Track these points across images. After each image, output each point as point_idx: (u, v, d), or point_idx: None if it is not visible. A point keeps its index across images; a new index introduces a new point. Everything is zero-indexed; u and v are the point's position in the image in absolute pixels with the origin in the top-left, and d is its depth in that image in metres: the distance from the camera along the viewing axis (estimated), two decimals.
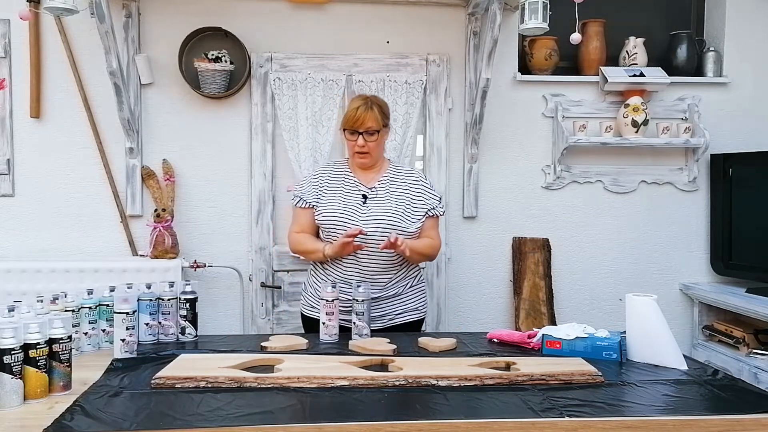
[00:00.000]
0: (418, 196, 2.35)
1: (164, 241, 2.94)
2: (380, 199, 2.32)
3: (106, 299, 2.08)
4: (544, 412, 1.51)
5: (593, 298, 3.34)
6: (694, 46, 3.35)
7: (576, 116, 3.26)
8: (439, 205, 2.40)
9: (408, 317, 2.38)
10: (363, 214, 2.28)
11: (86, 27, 2.94)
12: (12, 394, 1.54)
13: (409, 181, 2.38)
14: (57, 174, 3.08)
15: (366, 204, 2.31)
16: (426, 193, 2.37)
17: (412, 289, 2.41)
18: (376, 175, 2.38)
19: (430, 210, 2.36)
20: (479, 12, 3.14)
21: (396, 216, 2.28)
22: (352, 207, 2.30)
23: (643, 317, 1.95)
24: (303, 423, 1.43)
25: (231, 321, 3.17)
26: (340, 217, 2.29)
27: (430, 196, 2.38)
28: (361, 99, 2.34)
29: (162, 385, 1.66)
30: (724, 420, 1.49)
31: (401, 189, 2.35)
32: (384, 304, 2.33)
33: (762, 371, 2.78)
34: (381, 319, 2.32)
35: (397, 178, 2.38)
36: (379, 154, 2.38)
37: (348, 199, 2.32)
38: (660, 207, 3.35)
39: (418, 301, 2.43)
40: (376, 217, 2.27)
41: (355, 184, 2.36)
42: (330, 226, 2.30)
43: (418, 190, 2.37)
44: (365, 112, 2.27)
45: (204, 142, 3.14)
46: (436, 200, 2.39)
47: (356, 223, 2.26)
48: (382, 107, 2.33)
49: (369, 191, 2.34)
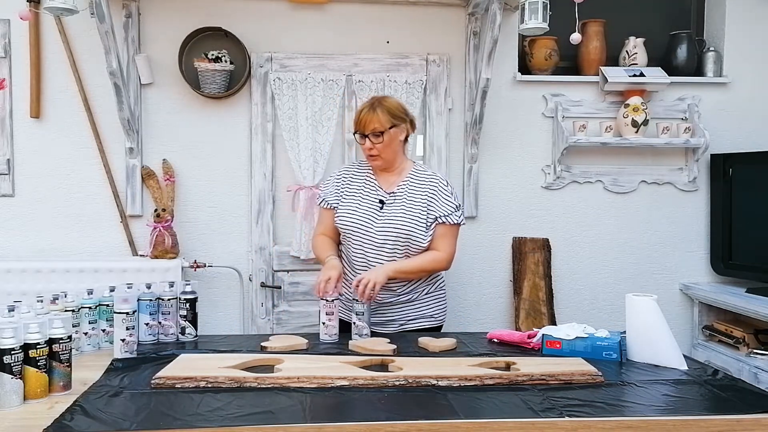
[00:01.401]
0: (433, 203, 2.27)
1: (164, 241, 2.94)
2: (397, 206, 2.27)
3: (106, 299, 2.08)
4: (544, 412, 1.51)
5: (593, 298, 3.34)
6: (694, 46, 3.35)
7: (576, 116, 3.26)
8: (454, 212, 2.27)
9: (421, 323, 2.34)
10: (378, 221, 2.26)
11: (86, 27, 2.94)
12: (12, 394, 1.54)
13: (429, 188, 2.29)
14: (57, 174, 3.08)
15: (382, 211, 2.28)
16: (441, 199, 2.28)
17: (428, 295, 2.36)
18: (396, 178, 2.33)
19: (441, 217, 2.26)
20: (479, 12, 3.14)
21: (410, 226, 2.23)
22: (369, 213, 2.28)
23: (643, 317, 1.95)
24: (303, 423, 1.43)
25: (231, 321, 3.17)
26: (357, 223, 2.27)
27: (445, 203, 2.27)
28: (368, 102, 2.30)
29: (162, 385, 1.66)
30: (724, 420, 1.49)
31: (420, 196, 2.28)
32: (395, 309, 2.32)
33: (762, 371, 2.78)
34: (391, 324, 2.31)
35: (417, 183, 2.31)
36: (392, 155, 2.29)
37: (365, 204, 2.30)
38: (660, 207, 3.35)
39: (435, 308, 2.37)
40: (391, 225, 2.24)
41: (375, 188, 2.32)
42: (346, 230, 2.30)
43: (434, 196, 2.28)
44: (368, 114, 2.24)
45: (204, 142, 3.14)
46: (451, 208, 2.27)
47: (371, 229, 2.25)
48: (389, 108, 2.26)
49: (387, 196, 2.30)
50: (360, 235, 2.26)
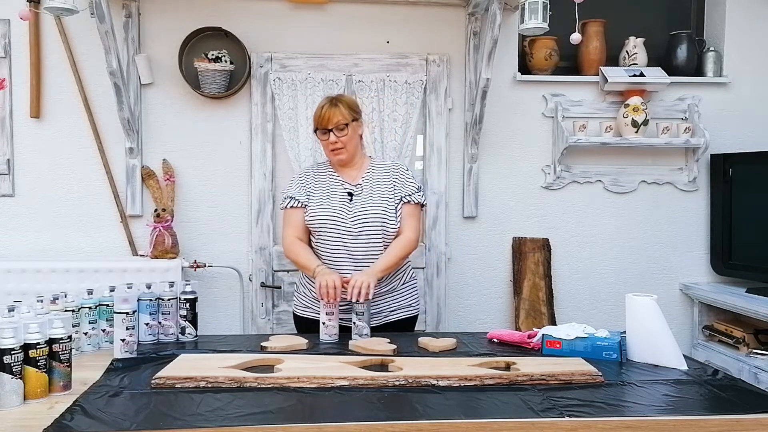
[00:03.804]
0: (396, 186, 2.36)
1: (164, 241, 2.94)
2: (366, 195, 2.33)
3: (106, 299, 2.08)
4: (544, 412, 1.51)
5: (593, 298, 3.34)
6: (694, 46, 3.35)
7: (576, 116, 3.26)
8: (416, 192, 2.36)
9: (401, 314, 2.39)
10: (350, 212, 2.29)
11: (86, 27, 2.94)
12: (12, 394, 1.54)
13: (391, 173, 2.38)
14: (57, 174, 3.08)
15: (352, 202, 2.32)
16: (404, 181, 2.36)
17: (405, 285, 2.41)
18: (358, 172, 2.39)
19: (405, 197, 2.34)
20: (479, 12, 3.14)
21: (383, 212, 2.29)
22: (339, 206, 2.31)
23: (643, 317, 1.95)
24: (303, 423, 1.43)
25: (231, 321, 3.17)
26: (329, 217, 2.29)
27: (408, 184, 2.36)
28: (326, 99, 2.36)
29: (162, 385, 1.66)
30: (724, 420, 1.49)
31: (385, 182, 2.36)
32: (379, 301, 2.33)
33: (762, 371, 2.78)
34: (376, 317, 2.32)
35: (379, 172, 2.39)
36: (355, 148, 2.36)
37: (334, 198, 2.33)
38: (660, 207, 3.35)
39: (411, 297, 2.43)
40: (364, 214, 2.29)
41: (340, 182, 2.37)
42: (318, 226, 2.31)
43: (397, 179, 2.37)
44: (330, 109, 2.29)
45: (204, 142, 3.14)
46: (413, 188, 2.36)
47: (345, 221, 2.27)
48: (348, 103, 2.34)
49: (354, 188, 2.34)
50: (335, 228, 2.28)
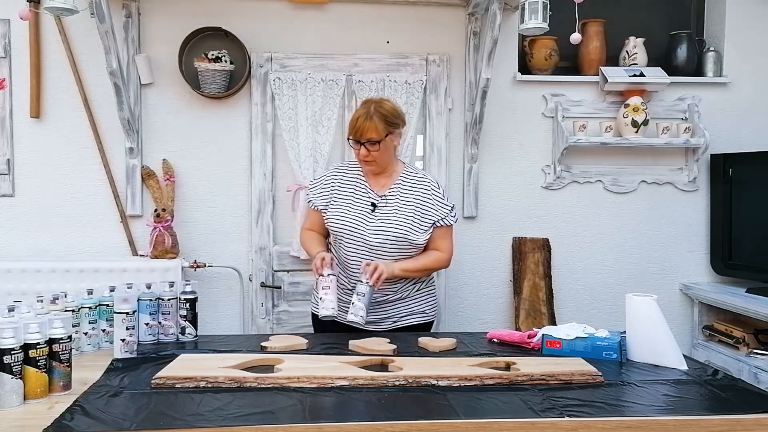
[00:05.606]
0: (428, 207, 2.29)
1: (164, 241, 2.94)
2: (389, 209, 2.28)
3: (106, 299, 2.08)
4: (544, 412, 1.51)
5: (593, 298, 3.34)
6: (694, 46, 3.35)
7: (576, 116, 3.26)
8: (450, 214, 2.32)
9: (413, 320, 2.36)
10: (371, 224, 2.26)
11: (86, 27, 2.94)
12: (12, 394, 1.54)
13: (420, 190, 2.31)
14: (57, 174, 3.08)
15: (374, 213, 2.28)
16: (436, 203, 2.30)
17: (419, 292, 2.38)
18: (388, 181, 2.33)
19: (439, 221, 2.29)
20: (479, 12, 3.14)
21: (403, 228, 2.24)
22: (360, 216, 2.28)
23: (643, 317, 1.95)
24: (303, 423, 1.43)
25: (231, 321, 3.17)
26: (348, 227, 2.27)
27: (440, 206, 2.30)
28: (364, 108, 2.26)
29: (162, 385, 1.66)
30: (724, 420, 1.49)
31: (411, 198, 2.30)
32: (389, 307, 2.32)
33: (762, 371, 2.78)
34: (385, 322, 2.32)
35: (408, 186, 2.32)
36: (387, 160, 2.30)
37: (357, 207, 2.29)
38: (660, 207, 3.35)
39: (426, 303, 2.39)
40: (384, 228, 2.25)
41: (366, 190, 2.32)
42: (338, 233, 2.30)
43: (428, 199, 2.30)
44: (365, 122, 2.21)
45: (204, 142, 3.14)
46: (446, 210, 2.31)
47: (364, 232, 2.25)
48: (386, 115, 2.23)
49: (379, 199, 2.30)
50: (353, 239, 2.26)
